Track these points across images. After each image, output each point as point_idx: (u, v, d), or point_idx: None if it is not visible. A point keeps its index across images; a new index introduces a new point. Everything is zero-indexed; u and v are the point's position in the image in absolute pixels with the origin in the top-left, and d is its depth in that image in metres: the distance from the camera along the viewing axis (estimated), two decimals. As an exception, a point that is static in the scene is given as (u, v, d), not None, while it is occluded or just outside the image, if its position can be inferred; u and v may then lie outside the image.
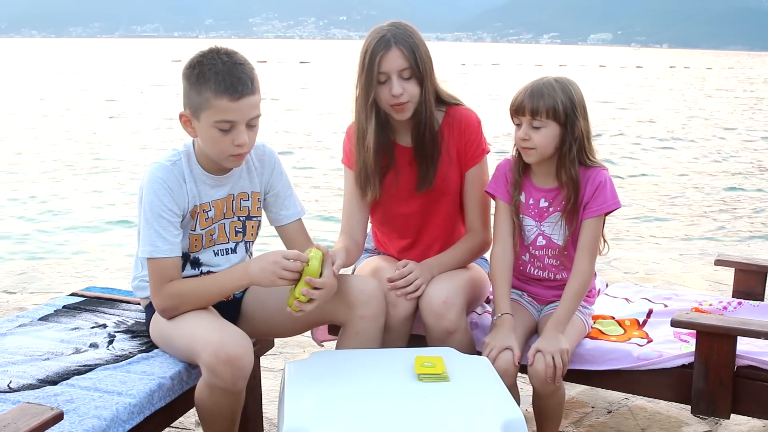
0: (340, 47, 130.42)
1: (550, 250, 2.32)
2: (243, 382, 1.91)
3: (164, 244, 2.02)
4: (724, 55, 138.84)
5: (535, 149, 2.19)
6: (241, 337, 1.92)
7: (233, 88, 1.94)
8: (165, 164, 2.06)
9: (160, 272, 2.03)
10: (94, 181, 9.28)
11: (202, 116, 1.98)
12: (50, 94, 21.69)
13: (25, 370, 1.94)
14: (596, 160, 2.26)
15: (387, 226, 2.50)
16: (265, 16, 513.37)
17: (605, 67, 52.31)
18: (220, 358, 1.84)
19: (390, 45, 2.19)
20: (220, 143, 2.00)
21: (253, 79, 1.98)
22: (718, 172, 10.65)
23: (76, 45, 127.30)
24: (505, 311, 2.22)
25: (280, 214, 2.26)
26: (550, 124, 2.17)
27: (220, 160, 2.06)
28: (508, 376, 2.08)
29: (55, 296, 3.87)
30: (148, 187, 2.04)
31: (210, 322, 1.98)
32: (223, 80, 1.94)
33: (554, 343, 2.10)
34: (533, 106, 2.16)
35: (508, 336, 2.15)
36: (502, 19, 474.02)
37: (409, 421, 1.66)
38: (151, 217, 2.02)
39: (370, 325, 2.12)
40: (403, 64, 2.19)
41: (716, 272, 4.50)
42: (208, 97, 1.95)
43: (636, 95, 25.59)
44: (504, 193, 2.33)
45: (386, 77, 2.20)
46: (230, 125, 1.97)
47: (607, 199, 2.22)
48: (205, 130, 2.00)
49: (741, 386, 2.13)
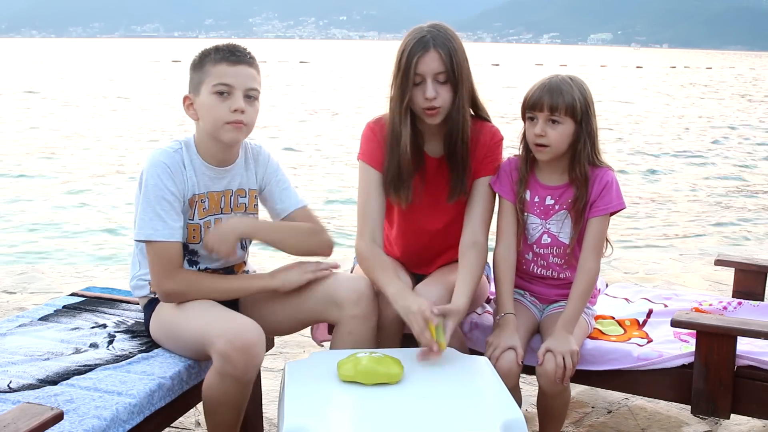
0: (340, 47, 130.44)
1: (555, 248, 2.31)
2: (254, 372, 1.94)
3: (164, 228, 2.03)
4: (723, 55, 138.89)
5: (550, 146, 2.19)
6: (255, 326, 1.94)
7: (231, 54, 2.07)
8: (167, 150, 2.10)
9: (162, 256, 2.04)
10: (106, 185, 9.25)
11: (203, 89, 2.07)
12: (80, 98, 21.39)
13: (25, 370, 1.94)
14: (603, 160, 2.27)
15: (405, 239, 2.42)
16: (265, 16, 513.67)
17: (606, 67, 52.31)
18: (235, 345, 1.86)
19: (428, 47, 2.12)
20: (217, 109, 2.05)
21: (252, 55, 2.12)
22: (718, 171, 10.66)
23: (77, 45, 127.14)
24: (509, 311, 2.22)
25: (279, 208, 2.28)
26: (567, 120, 2.17)
27: (218, 131, 2.08)
28: (511, 375, 2.08)
29: (55, 296, 3.87)
30: (151, 171, 2.05)
31: (222, 312, 2.01)
32: (223, 50, 2.08)
33: (564, 343, 2.10)
34: (552, 102, 2.15)
35: (512, 336, 2.15)
36: (502, 19, 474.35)
37: (409, 421, 1.66)
38: (153, 199, 2.03)
39: (362, 325, 2.12)
40: (439, 68, 2.13)
41: (716, 272, 4.50)
42: (208, 68, 2.07)
43: (637, 94, 25.61)
44: (508, 192, 2.32)
45: (421, 79, 2.14)
46: (227, 89, 2.05)
47: (612, 199, 2.22)
48: (204, 100, 2.07)
49: (741, 386, 2.13)
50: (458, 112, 2.19)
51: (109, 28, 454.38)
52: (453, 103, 2.18)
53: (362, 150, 2.33)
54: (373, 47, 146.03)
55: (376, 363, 1.80)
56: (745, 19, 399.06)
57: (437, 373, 1.89)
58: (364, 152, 2.32)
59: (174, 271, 2.06)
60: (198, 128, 2.14)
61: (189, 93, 2.12)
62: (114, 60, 53.48)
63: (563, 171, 2.27)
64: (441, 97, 2.15)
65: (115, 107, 18.97)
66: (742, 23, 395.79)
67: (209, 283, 2.12)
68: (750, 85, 35.54)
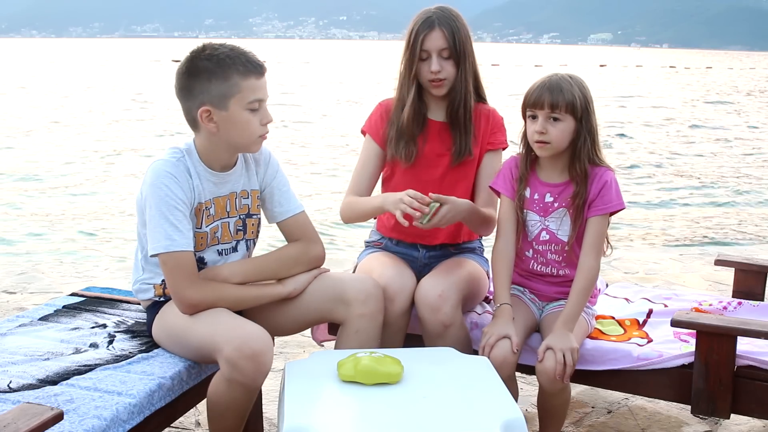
0: (340, 47, 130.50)
1: (554, 245, 2.32)
2: (263, 379, 1.93)
3: (181, 237, 2.00)
4: (723, 55, 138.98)
5: (551, 143, 2.21)
6: (265, 334, 1.93)
7: (258, 66, 2.03)
8: (170, 160, 2.06)
9: (182, 267, 2.00)
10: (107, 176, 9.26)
11: (231, 103, 2.01)
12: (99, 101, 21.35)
13: (25, 370, 1.94)
14: (603, 159, 2.28)
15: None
16: (265, 16, 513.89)
17: (606, 66, 52.32)
18: (244, 353, 1.85)
19: (434, 26, 2.35)
20: (252, 125, 2.04)
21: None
22: (719, 172, 10.65)
23: (79, 45, 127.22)
24: (505, 301, 2.24)
25: (277, 211, 2.27)
26: (567, 118, 2.20)
27: (249, 145, 2.09)
28: (506, 364, 2.10)
29: (55, 296, 3.87)
30: (157, 182, 2.01)
31: (230, 318, 2.00)
32: (247, 61, 2.02)
33: (564, 340, 2.11)
34: (553, 99, 2.18)
35: (507, 325, 2.16)
36: (502, 19, 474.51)
37: (409, 421, 1.66)
38: (166, 210, 1.99)
39: (369, 323, 2.13)
40: (443, 45, 2.35)
41: (716, 272, 4.50)
42: (237, 81, 1.99)
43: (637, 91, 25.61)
44: (509, 190, 2.35)
45: (427, 55, 2.36)
46: (259, 104, 2.04)
47: (612, 198, 2.23)
48: (237, 115, 2.02)
49: (741, 386, 2.13)
50: (461, 83, 2.40)
51: (109, 28, 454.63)
52: (456, 76, 2.39)
53: (367, 123, 2.56)
54: (374, 47, 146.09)
55: (376, 363, 1.81)
56: (745, 19, 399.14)
57: (437, 373, 1.90)
58: (369, 126, 2.55)
59: (197, 281, 2.03)
60: (204, 137, 2.08)
61: (207, 105, 2.01)
62: (134, 59, 53.36)
63: (563, 169, 2.28)
64: (445, 71, 2.37)
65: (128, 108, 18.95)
66: (742, 23, 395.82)
67: (230, 292, 2.10)
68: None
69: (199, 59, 2.02)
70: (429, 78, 2.37)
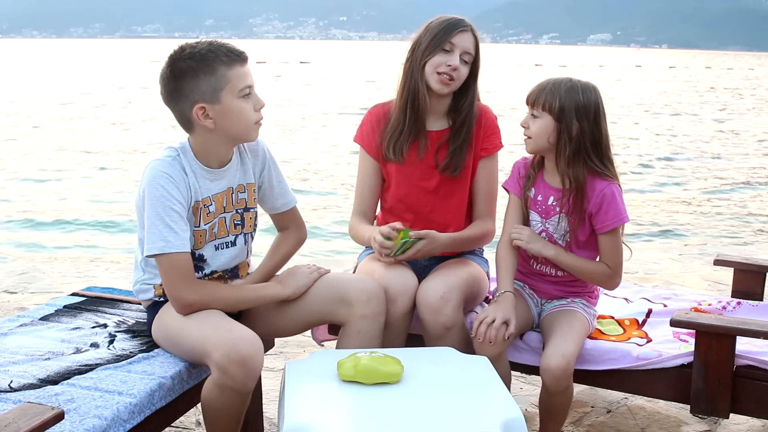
0: (341, 47, 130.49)
1: None
2: (253, 383, 1.92)
3: (176, 239, 2.00)
4: (725, 55, 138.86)
5: (531, 138, 2.27)
6: (253, 337, 1.92)
7: (239, 54, 2.04)
8: (165, 160, 2.06)
9: (177, 268, 2.01)
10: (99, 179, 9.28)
11: (223, 94, 2.02)
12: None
13: (26, 369, 1.94)
14: (609, 171, 2.26)
15: (402, 203, 2.52)
16: (266, 16, 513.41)
17: (604, 67, 52.31)
18: (232, 358, 1.85)
19: (468, 30, 2.41)
20: (247, 113, 2.06)
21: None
22: (719, 171, 10.66)
23: (79, 45, 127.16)
24: (508, 289, 2.25)
25: (279, 203, 2.30)
26: (545, 116, 2.22)
27: (248, 133, 2.10)
28: (498, 343, 2.12)
29: (56, 296, 3.88)
30: (154, 183, 2.01)
31: (221, 322, 1.98)
32: (229, 51, 2.02)
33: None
34: (535, 96, 2.24)
35: (509, 309, 2.18)
36: (502, 20, 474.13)
37: (409, 420, 1.67)
38: (162, 211, 2.00)
39: (371, 324, 2.14)
40: (470, 48, 2.41)
41: (715, 272, 4.50)
42: (223, 72, 2.01)
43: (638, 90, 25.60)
44: (516, 188, 2.39)
45: (451, 48, 2.38)
46: (249, 90, 2.05)
47: (608, 218, 2.23)
48: (231, 106, 2.03)
49: (740, 386, 2.14)
50: (472, 94, 2.47)
51: (109, 28, 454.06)
52: (467, 85, 2.44)
53: (359, 133, 2.56)
54: (374, 47, 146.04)
55: (376, 363, 1.81)
56: (744, 19, 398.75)
57: (437, 373, 1.90)
58: (360, 137, 2.55)
59: (193, 282, 2.04)
60: (200, 136, 2.08)
61: (200, 102, 2.01)
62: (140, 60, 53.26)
63: (562, 174, 2.28)
64: (460, 72, 2.39)
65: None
66: (742, 24, 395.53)
67: (227, 293, 2.11)
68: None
69: (181, 60, 2.01)
70: (443, 70, 2.37)
